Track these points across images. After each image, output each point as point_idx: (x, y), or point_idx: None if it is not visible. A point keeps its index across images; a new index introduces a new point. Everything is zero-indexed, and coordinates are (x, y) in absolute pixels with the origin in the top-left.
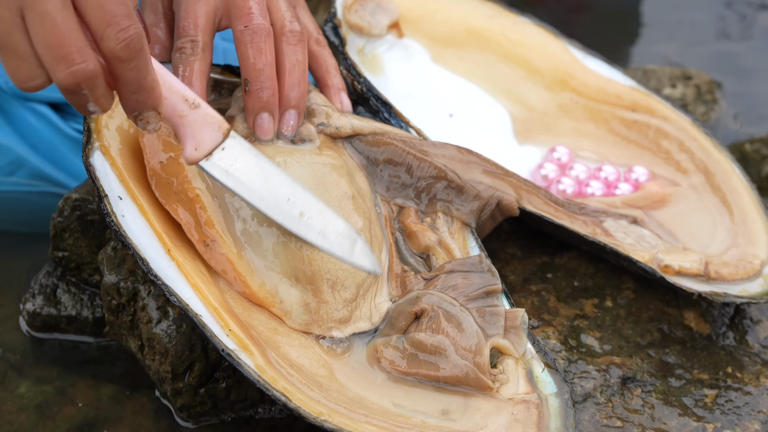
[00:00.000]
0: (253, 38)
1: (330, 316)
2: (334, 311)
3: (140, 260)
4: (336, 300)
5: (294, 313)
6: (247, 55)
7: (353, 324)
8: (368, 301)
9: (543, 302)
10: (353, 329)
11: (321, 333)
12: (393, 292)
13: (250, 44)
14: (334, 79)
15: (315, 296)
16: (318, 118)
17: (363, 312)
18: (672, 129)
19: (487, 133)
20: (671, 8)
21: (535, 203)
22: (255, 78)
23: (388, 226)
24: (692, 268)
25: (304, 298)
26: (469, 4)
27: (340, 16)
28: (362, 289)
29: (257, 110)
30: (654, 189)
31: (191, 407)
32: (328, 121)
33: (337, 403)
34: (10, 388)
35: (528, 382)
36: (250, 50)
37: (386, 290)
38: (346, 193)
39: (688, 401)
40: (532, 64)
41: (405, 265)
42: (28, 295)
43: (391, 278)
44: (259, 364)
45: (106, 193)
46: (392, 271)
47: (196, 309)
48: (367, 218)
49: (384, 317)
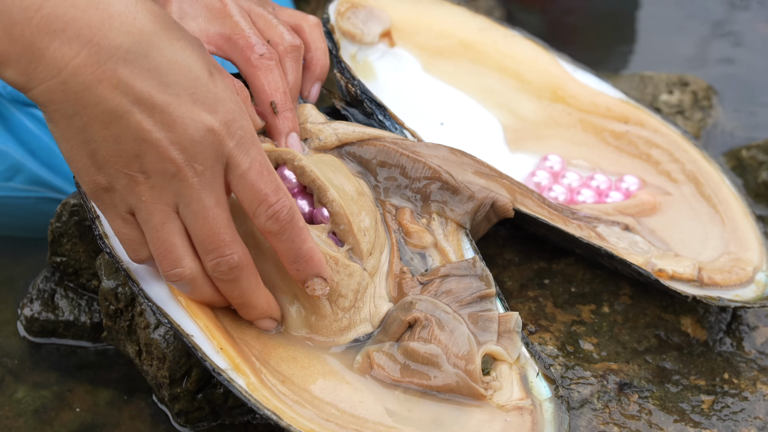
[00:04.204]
0: (270, 63)
1: (330, 327)
2: (333, 322)
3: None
4: (335, 311)
5: (294, 328)
6: (270, 79)
7: (354, 329)
8: (367, 303)
9: (540, 308)
10: (355, 335)
11: (323, 342)
12: (392, 292)
13: (274, 68)
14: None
15: (314, 312)
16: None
17: (363, 315)
18: (662, 141)
19: (479, 141)
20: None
21: (529, 206)
22: (283, 101)
23: (388, 226)
24: (686, 273)
25: (304, 313)
26: (460, 16)
27: (333, 22)
28: (359, 293)
29: (288, 131)
30: (645, 197)
31: (189, 412)
32: (311, 137)
33: (329, 420)
34: (7, 393)
35: (522, 388)
36: (271, 74)
37: (385, 290)
38: (357, 188)
39: (685, 407)
40: (523, 76)
41: (405, 265)
42: (25, 300)
43: (390, 278)
44: (251, 382)
45: (98, 214)
46: (392, 271)
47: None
48: (373, 217)
49: (383, 319)
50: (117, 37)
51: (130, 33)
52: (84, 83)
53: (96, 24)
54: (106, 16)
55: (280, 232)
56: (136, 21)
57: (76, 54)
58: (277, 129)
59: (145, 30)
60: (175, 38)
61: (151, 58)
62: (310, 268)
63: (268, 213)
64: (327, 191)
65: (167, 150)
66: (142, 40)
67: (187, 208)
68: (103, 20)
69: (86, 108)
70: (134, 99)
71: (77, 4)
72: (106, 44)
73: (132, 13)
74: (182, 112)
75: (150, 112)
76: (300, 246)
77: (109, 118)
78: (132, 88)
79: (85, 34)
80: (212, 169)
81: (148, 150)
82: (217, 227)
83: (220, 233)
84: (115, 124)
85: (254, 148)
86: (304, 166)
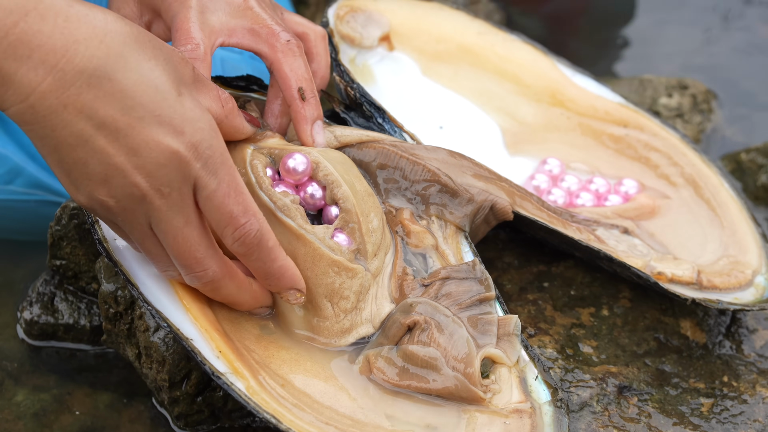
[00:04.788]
0: (296, 50)
1: (332, 329)
2: (335, 324)
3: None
4: (337, 313)
5: (296, 328)
6: (297, 65)
7: (355, 331)
8: (369, 304)
9: (540, 311)
10: (356, 336)
11: (325, 343)
12: (394, 293)
13: (299, 55)
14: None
15: (315, 314)
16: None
17: (364, 316)
18: (661, 144)
19: (478, 144)
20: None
21: (528, 208)
22: (309, 87)
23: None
24: (685, 276)
25: (305, 314)
26: (458, 21)
27: (332, 26)
28: (361, 294)
29: (314, 118)
30: (644, 200)
31: (188, 416)
32: None
33: (328, 423)
34: (7, 396)
35: (521, 391)
36: (297, 60)
37: (387, 291)
38: (366, 188)
39: (684, 410)
40: (522, 80)
41: (407, 266)
42: (25, 304)
43: (393, 279)
44: (251, 386)
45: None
46: (395, 272)
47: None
48: (381, 218)
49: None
50: (81, 61)
51: (94, 57)
52: (50, 107)
53: (61, 50)
54: (71, 41)
55: (248, 254)
56: (102, 44)
57: (42, 80)
58: (303, 115)
59: (111, 53)
60: (144, 58)
61: (116, 81)
62: (282, 284)
63: (235, 235)
64: (341, 186)
65: (132, 174)
66: (107, 63)
67: (158, 227)
68: (68, 45)
69: (54, 131)
70: (98, 123)
71: (43, 29)
72: (70, 69)
73: (99, 35)
74: (146, 136)
75: (114, 137)
76: (270, 266)
77: (75, 142)
78: (96, 113)
79: (50, 61)
80: (179, 190)
81: (114, 174)
82: (187, 246)
83: (191, 251)
84: (81, 147)
85: (223, 169)
86: (319, 161)
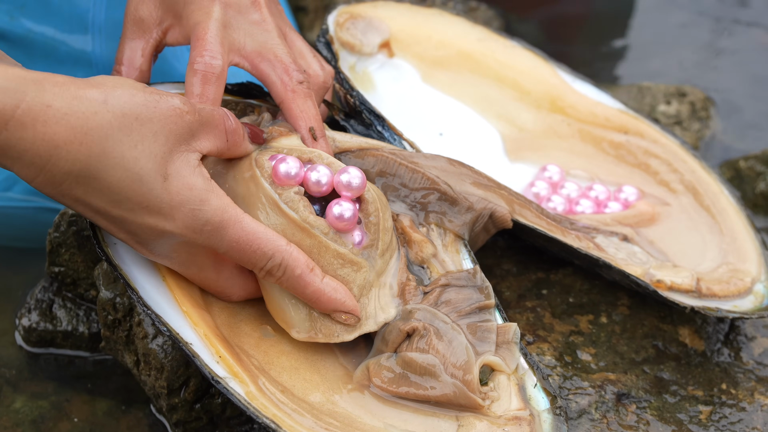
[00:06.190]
0: (306, 91)
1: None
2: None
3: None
4: None
5: (298, 324)
6: (307, 107)
7: (359, 327)
8: (372, 301)
9: (538, 318)
10: (359, 332)
11: (327, 340)
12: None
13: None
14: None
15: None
16: None
17: (368, 312)
18: (661, 151)
19: (478, 151)
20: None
21: (528, 216)
22: (319, 127)
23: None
24: (684, 284)
25: (309, 308)
26: (459, 27)
27: (332, 33)
28: (364, 289)
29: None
30: (644, 208)
31: (187, 423)
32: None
33: (327, 429)
34: (5, 403)
35: (520, 398)
36: (306, 102)
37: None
38: (380, 193)
39: (682, 417)
40: (523, 86)
41: (411, 273)
42: (24, 310)
43: (397, 284)
44: (250, 391)
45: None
46: (399, 277)
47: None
48: (391, 221)
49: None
50: (65, 165)
51: (77, 160)
52: (50, 194)
53: (45, 155)
54: (53, 147)
55: (280, 284)
56: (82, 146)
57: (36, 176)
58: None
59: (92, 153)
60: (128, 147)
61: (101, 179)
62: (323, 306)
63: (261, 274)
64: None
65: (137, 247)
66: (90, 164)
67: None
68: (50, 151)
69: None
70: (95, 210)
71: (25, 137)
72: (57, 172)
73: (78, 137)
74: (140, 223)
75: (112, 220)
76: (303, 291)
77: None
78: (90, 203)
79: (37, 164)
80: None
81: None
82: (207, 285)
83: (211, 288)
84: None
85: (228, 233)
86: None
